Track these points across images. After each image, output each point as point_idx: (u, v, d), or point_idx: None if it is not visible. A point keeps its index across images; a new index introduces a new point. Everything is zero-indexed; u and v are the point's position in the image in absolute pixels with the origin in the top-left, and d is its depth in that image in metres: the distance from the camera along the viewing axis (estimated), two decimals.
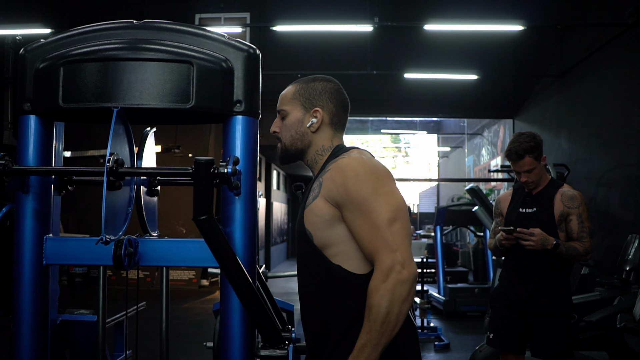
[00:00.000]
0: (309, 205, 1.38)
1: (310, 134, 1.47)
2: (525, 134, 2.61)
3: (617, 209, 6.40)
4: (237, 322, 1.36)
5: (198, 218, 1.15)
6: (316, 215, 1.36)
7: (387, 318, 1.22)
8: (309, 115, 1.46)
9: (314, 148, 1.48)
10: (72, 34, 1.33)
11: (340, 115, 1.50)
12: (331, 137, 1.49)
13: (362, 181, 1.31)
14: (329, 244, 1.35)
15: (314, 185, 1.42)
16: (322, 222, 1.35)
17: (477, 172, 14.09)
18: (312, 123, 1.46)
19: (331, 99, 1.48)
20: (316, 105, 1.46)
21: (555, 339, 2.54)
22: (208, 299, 8.20)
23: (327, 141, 1.48)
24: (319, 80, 1.50)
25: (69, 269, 8.80)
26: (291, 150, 1.49)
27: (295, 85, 1.50)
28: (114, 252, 1.28)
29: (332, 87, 1.49)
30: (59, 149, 1.44)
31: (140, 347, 2.01)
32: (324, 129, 1.48)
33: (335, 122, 1.49)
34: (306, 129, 1.46)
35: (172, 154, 9.16)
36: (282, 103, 1.50)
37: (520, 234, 2.51)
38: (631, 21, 5.76)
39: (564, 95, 8.04)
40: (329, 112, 1.47)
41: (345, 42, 8.93)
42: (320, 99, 1.47)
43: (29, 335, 1.31)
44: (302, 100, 1.47)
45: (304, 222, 1.38)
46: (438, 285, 7.09)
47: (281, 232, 15.64)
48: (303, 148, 1.48)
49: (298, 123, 1.47)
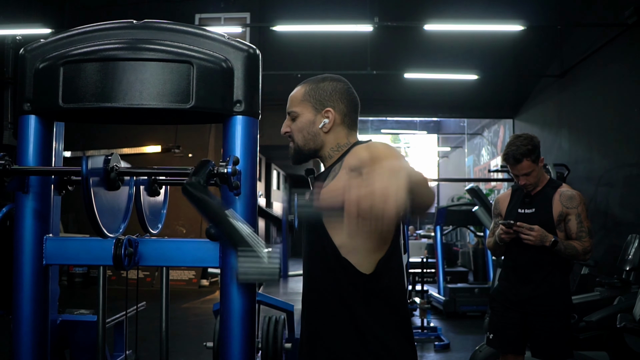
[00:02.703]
0: (327, 186, 1.39)
1: (322, 134, 1.47)
2: (522, 137, 2.60)
3: (617, 209, 6.40)
4: (237, 322, 1.35)
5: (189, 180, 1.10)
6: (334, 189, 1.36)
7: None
8: (320, 116, 1.47)
9: (328, 146, 1.49)
10: (72, 34, 1.33)
11: (352, 114, 1.51)
12: (346, 135, 1.50)
13: (383, 150, 1.31)
14: (338, 229, 1.34)
15: (334, 167, 1.42)
16: None
17: (477, 172, 14.09)
18: (324, 124, 1.46)
19: (342, 98, 1.48)
20: (327, 106, 1.47)
21: (555, 339, 2.54)
22: (208, 299, 8.20)
23: (342, 139, 1.49)
24: (328, 80, 1.50)
25: (69, 269, 8.81)
26: (304, 150, 1.49)
27: (304, 86, 1.50)
28: (113, 252, 1.28)
29: (342, 87, 1.49)
30: (59, 149, 1.44)
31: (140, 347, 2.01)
32: (337, 128, 1.48)
33: (347, 122, 1.49)
34: (318, 129, 1.47)
35: (172, 154, 9.16)
36: (292, 104, 1.50)
37: (520, 228, 2.51)
38: (631, 21, 5.77)
39: (564, 95, 8.04)
40: (340, 112, 1.48)
41: (345, 42, 8.93)
42: (331, 99, 1.47)
43: (29, 335, 1.31)
44: (313, 101, 1.47)
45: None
46: (438, 285, 7.08)
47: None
48: (316, 148, 1.49)
49: (310, 124, 1.47)
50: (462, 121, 14.65)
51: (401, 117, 13.33)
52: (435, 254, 7.34)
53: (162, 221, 1.77)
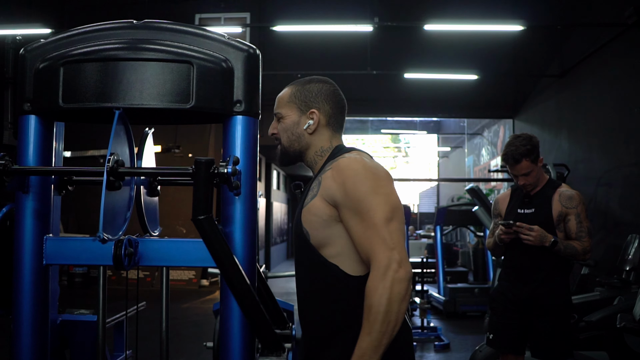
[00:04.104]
0: (307, 205, 1.38)
1: (307, 136, 1.47)
2: (521, 137, 2.60)
3: (617, 209, 6.40)
4: (237, 322, 1.36)
5: (197, 218, 1.15)
6: (314, 214, 1.36)
7: (387, 317, 1.21)
8: (305, 117, 1.47)
9: (313, 149, 1.49)
10: (72, 34, 1.33)
11: (337, 116, 1.50)
12: (329, 138, 1.49)
13: (361, 181, 1.31)
14: (326, 243, 1.36)
15: (313, 184, 1.42)
16: (319, 222, 1.35)
17: (477, 172, 14.09)
18: (309, 125, 1.46)
19: (327, 100, 1.48)
20: (312, 107, 1.47)
21: (555, 339, 2.54)
22: (208, 299, 8.20)
23: (325, 142, 1.49)
24: (314, 81, 1.50)
25: (69, 269, 8.80)
26: (289, 151, 1.50)
27: (291, 88, 1.50)
28: (114, 252, 1.28)
29: (328, 89, 1.49)
30: (59, 149, 1.44)
31: (140, 347, 2.01)
32: (321, 130, 1.48)
33: (333, 123, 1.49)
34: (303, 130, 1.47)
35: (172, 154, 9.16)
36: (279, 105, 1.50)
37: (520, 228, 2.51)
38: (631, 21, 5.76)
39: (564, 95, 8.03)
40: (325, 113, 1.48)
41: (345, 42, 8.92)
42: (316, 100, 1.47)
43: (29, 335, 1.31)
44: (298, 103, 1.47)
45: (302, 221, 1.39)
46: (438, 285, 7.09)
47: (281, 232, 15.64)
48: (301, 150, 1.49)
49: (294, 125, 1.47)
50: (462, 121, 14.64)
51: (401, 117, 13.32)
52: (435, 254, 7.35)
53: None
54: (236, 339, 1.36)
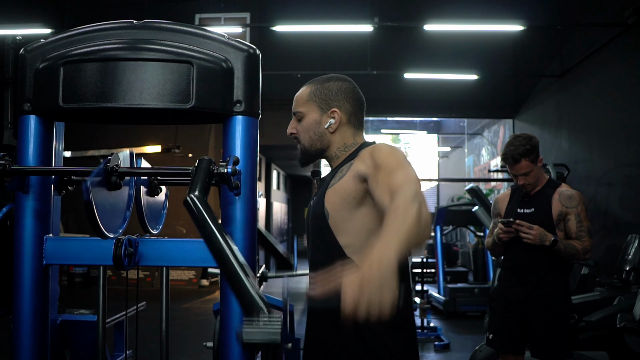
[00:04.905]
0: (333, 185, 1.39)
1: (329, 135, 1.47)
2: (520, 137, 2.60)
3: (617, 209, 6.40)
4: (237, 322, 1.35)
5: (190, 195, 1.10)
6: (339, 195, 1.37)
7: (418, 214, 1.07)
8: (326, 116, 1.47)
9: (335, 146, 1.49)
10: (72, 34, 1.33)
11: (358, 114, 1.51)
12: (353, 135, 1.50)
13: (391, 155, 1.30)
14: (344, 229, 1.36)
15: (341, 167, 1.42)
16: (342, 204, 1.36)
17: (477, 172, 14.09)
18: (330, 124, 1.46)
19: (347, 98, 1.48)
20: (333, 106, 1.47)
21: (555, 339, 2.54)
22: (208, 299, 8.20)
23: (349, 139, 1.49)
24: (334, 80, 1.50)
25: (69, 269, 8.80)
26: (311, 151, 1.50)
27: (310, 86, 1.50)
28: (113, 252, 1.28)
29: (347, 87, 1.49)
30: (59, 149, 1.44)
31: (140, 347, 2.01)
32: (343, 128, 1.48)
33: (354, 121, 1.50)
34: (324, 130, 1.47)
35: (172, 154, 9.16)
36: (298, 105, 1.50)
37: (520, 226, 2.51)
38: (631, 21, 5.76)
39: (564, 95, 8.04)
40: (346, 111, 1.48)
41: (345, 42, 8.93)
42: (337, 99, 1.47)
43: (29, 335, 1.31)
44: (319, 102, 1.47)
45: (324, 200, 1.39)
46: (438, 285, 7.09)
47: (281, 232, 15.64)
48: (323, 148, 1.49)
49: (316, 124, 1.47)
50: (462, 121, 14.65)
51: (401, 117, 13.33)
52: (435, 254, 7.35)
53: (162, 222, 1.77)
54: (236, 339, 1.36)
